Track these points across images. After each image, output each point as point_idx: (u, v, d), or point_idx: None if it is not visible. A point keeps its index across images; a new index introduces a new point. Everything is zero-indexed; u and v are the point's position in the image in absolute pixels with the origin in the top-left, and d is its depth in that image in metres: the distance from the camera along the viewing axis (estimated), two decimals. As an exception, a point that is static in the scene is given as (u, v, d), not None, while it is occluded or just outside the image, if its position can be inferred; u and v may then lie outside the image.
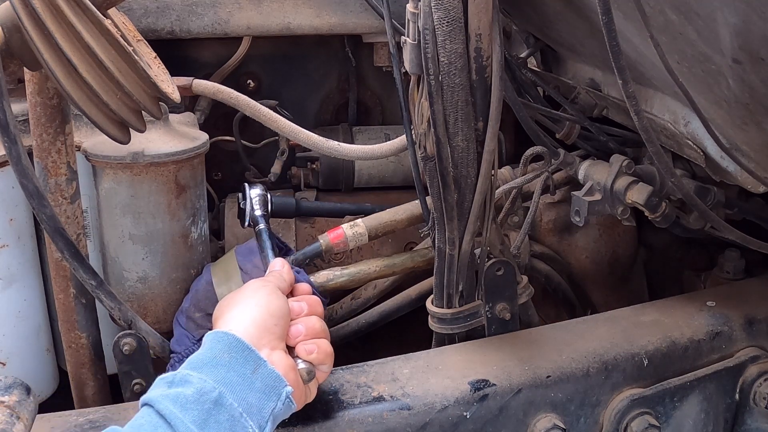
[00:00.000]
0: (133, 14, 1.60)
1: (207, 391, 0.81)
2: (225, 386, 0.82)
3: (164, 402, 0.79)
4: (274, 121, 1.35)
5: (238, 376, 0.84)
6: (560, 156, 1.31)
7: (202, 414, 0.79)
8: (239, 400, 0.82)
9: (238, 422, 0.81)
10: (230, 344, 0.86)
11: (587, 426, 1.17)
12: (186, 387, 0.81)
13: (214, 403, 0.80)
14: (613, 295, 1.64)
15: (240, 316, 0.92)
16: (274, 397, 0.86)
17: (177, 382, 0.82)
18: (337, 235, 1.32)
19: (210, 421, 0.79)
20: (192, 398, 0.79)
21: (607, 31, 0.81)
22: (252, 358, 0.86)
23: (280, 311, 0.95)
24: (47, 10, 0.92)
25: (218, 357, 0.85)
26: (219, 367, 0.84)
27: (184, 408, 0.78)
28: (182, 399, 0.79)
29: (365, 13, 1.72)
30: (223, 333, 0.88)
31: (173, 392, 0.80)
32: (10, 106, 0.95)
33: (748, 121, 0.94)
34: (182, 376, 0.83)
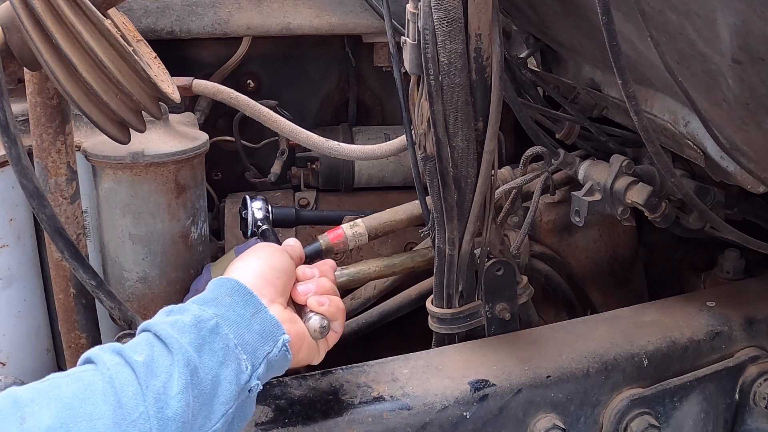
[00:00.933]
0: (133, 14, 1.60)
1: (205, 319, 0.82)
2: (223, 320, 0.83)
3: (162, 325, 0.80)
4: (274, 121, 1.35)
5: (238, 316, 0.85)
6: (560, 156, 1.31)
7: (198, 339, 0.80)
8: (236, 335, 0.83)
9: (231, 353, 0.82)
10: (232, 288, 0.87)
11: (587, 426, 1.17)
12: (184, 315, 0.82)
13: (210, 330, 0.81)
14: (613, 295, 1.64)
15: (242, 267, 0.93)
16: (271, 342, 0.86)
17: (176, 311, 0.84)
18: (337, 235, 1.32)
19: (205, 347, 0.80)
20: (189, 324, 0.81)
21: (607, 31, 0.81)
22: (252, 303, 0.87)
23: (282, 266, 0.96)
24: (47, 10, 0.92)
25: (219, 298, 0.86)
26: (219, 306, 0.85)
27: (182, 332, 0.79)
28: (180, 324, 0.80)
29: (365, 13, 1.72)
30: (226, 278, 0.90)
31: (171, 319, 0.82)
32: (10, 106, 0.95)
33: (748, 121, 0.94)
34: (181, 307, 0.85)
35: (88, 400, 0.70)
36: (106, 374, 0.73)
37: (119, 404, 0.71)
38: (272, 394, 1.05)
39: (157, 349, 0.77)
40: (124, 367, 0.74)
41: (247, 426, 1.00)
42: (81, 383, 0.72)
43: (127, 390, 0.72)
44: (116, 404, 0.71)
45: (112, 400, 0.71)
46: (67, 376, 0.73)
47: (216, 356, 0.80)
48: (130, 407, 0.71)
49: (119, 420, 0.70)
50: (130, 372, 0.74)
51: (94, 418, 0.69)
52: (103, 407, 0.70)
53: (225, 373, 0.80)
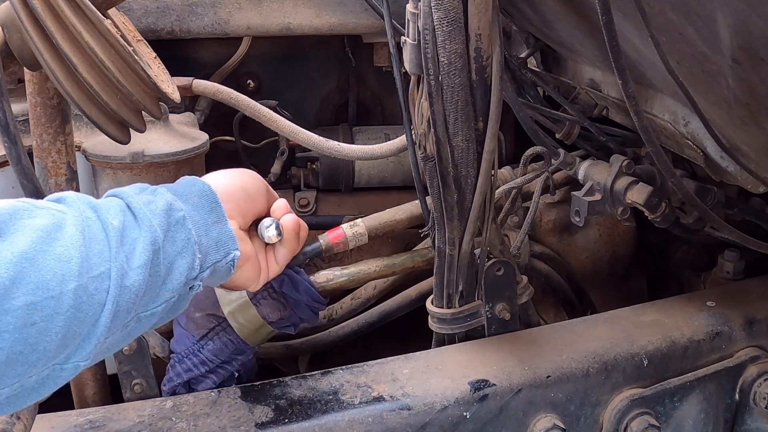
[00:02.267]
0: (133, 14, 1.60)
1: (175, 209, 0.84)
2: (189, 216, 0.85)
3: (135, 199, 0.82)
4: (274, 121, 1.35)
5: (201, 219, 0.87)
6: (560, 156, 1.31)
7: (165, 224, 0.82)
8: (197, 233, 0.85)
9: (190, 248, 0.84)
10: (203, 191, 0.90)
11: (587, 426, 1.17)
12: (157, 198, 0.84)
13: (177, 221, 0.83)
14: (613, 295, 1.64)
15: (217, 177, 0.96)
16: (223, 252, 0.88)
17: (148, 191, 0.85)
18: (337, 235, 1.32)
19: (169, 234, 0.82)
20: (161, 207, 0.83)
21: (607, 31, 0.81)
22: (216, 212, 0.89)
23: (253, 191, 0.99)
24: (47, 10, 0.92)
25: (188, 195, 0.88)
26: (187, 203, 0.87)
27: (153, 213, 0.81)
28: (152, 206, 0.82)
29: (365, 13, 1.72)
30: (200, 180, 0.92)
31: (144, 197, 0.83)
32: (10, 106, 0.95)
33: (748, 121, 0.94)
34: (154, 189, 0.86)
35: (60, 241, 0.70)
36: (78, 223, 0.74)
37: (87, 256, 0.72)
38: (272, 394, 1.05)
39: (129, 219, 0.79)
40: (96, 222, 0.76)
41: (247, 426, 1.00)
42: (55, 220, 0.72)
43: (95, 246, 0.73)
44: (84, 255, 0.71)
45: (82, 249, 0.72)
46: (42, 208, 0.73)
47: (176, 245, 0.82)
48: (95, 262, 0.72)
49: (84, 271, 0.71)
50: (101, 230, 0.75)
51: (62, 259, 0.69)
52: (73, 252, 0.71)
53: (179, 263, 0.83)
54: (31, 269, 0.67)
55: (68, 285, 0.69)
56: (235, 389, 1.07)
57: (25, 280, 0.66)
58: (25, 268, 0.66)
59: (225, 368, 1.20)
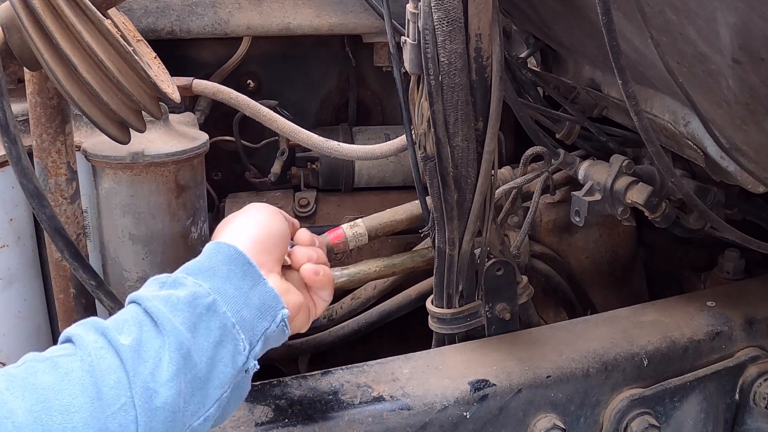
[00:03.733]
0: (133, 14, 1.60)
1: (201, 295, 0.76)
2: (220, 296, 0.77)
3: (153, 301, 0.74)
4: (274, 121, 1.35)
5: (235, 290, 0.79)
6: (560, 156, 1.31)
7: (193, 317, 0.74)
8: (233, 312, 0.78)
9: (229, 333, 0.77)
10: (231, 256, 0.81)
11: (587, 426, 1.17)
12: (179, 289, 0.76)
13: (206, 308, 0.76)
14: (613, 295, 1.64)
15: (238, 231, 0.87)
16: (269, 318, 0.81)
17: (170, 284, 0.78)
18: (337, 235, 1.32)
19: (200, 326, 0.74)
20: (184, 300, 0.75)
21: (607, 31, 0.81)
22: (251, 274, 0.81)
23: (280, 233, 0.90)
24: (47, 10, 0.92)
25: (216, 267, 0.80)
26: (216, 277, 0.79)
27: (175, 309, 0.74)
28: (173, 300, 0.75)
29: (365, 13, 1.72)
30: (224, 244, 0.83)
31: (164, 293, 0.76)
32: (10, 106, 0.95)
33: (748, 121, 0.94)
34: (176, 279, 0.79)
35: (64, 392, 0.65)
36: (86, 360, 0.68)
37: (98, 395, 0.66)
38: (272, 394, 1.05)
39: (147, 329, 0.72)
40: (107, 351, 0.69)
41: (247, 426, 1.00)
42: (58, 371, 0.67)
43: (108, 378, 0.67)
44: (95, 395, 0.66)
45: (91, 390, 0.66)
46: (44, 361, 0.68)
47: (212, 336, 0.75)
48: (111, 398, 0.66)
49: (98, 413, 0.65)
50: (114, 357, 0.69)
51: (70, 411, 0.64)
52: (81, 399, 0.65)
53: (221, 355, 0.75)
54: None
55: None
56: (235, 389, 1.07)
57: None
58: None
59: (225, 368, 1.20)
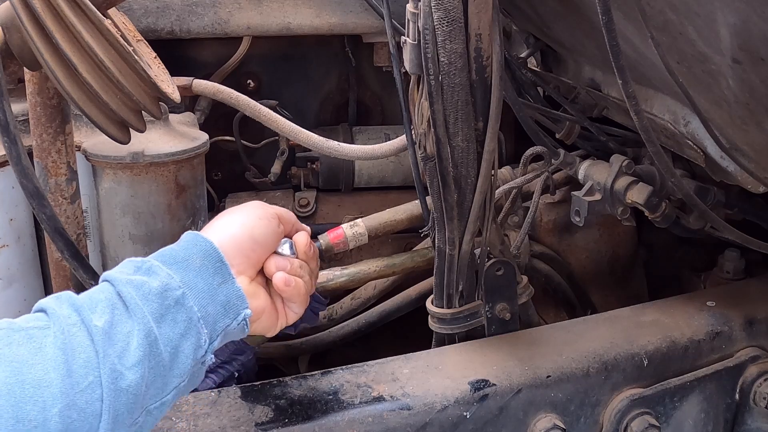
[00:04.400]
0: (133, 14, 1.60)
1: (172, 288, 0.80)
2: (190, 289, 0.81)
3: (127, 286, 0.77)
4: (274, 121, 1.35)
5: (205, 284, 0.83)
6: (560, 156, 1.31)
7: (162, 308, 0.78)
8: (200, 307, 0.81)
9: (194, 326, 0.80)
10: (206, 251, 0.85)
11: (587, 426, 1.17)
12: (152, 278, 0.79)
13: (176, 301, 0.79)
14: (613, 295, 1.64)
15: (222, 227, 0.90)
16: (232, 315, 0.85)
17: (144, 270, 0.81)
18: (337, 235, 1.32)
19: (168, 317, 0.78)
20: (155, 291, 0.78)
21: (607, 31, 0.81)
22: (222, 272, 0.85)
23: (263, 238, 0.92)
24: (47, 10, 0.92)
25: (190, 259, 0.83)
26: (188, 270, 0.82)
27: (146, 298, 0.77)
28: (146, 289, 0.78)
29: (365, 13, 1.72)
30: (202, 238, 0.87)
31: (138, 279, 0.79)
32: (10, 106, 0.95)
33: (748, 121, 0.94)
34: (150, 266, 0.81)
35: (37, 366, 0.67)
36: (59, 337, 0.70)
37: (69, 372, 0.69)
38: (272, 394, 1.05)
39: (118, 312, 0.75)
40: (79, 329, 0.72)
41: (247, 426, 1.00)
42: (32, 344, 0.69)
43: (79, 356, 0.70)
44: (66, 372, 0.68)
45: (62, 367, 0.69)
46: (18, 331, 0.70)
47: (177, 328, 0.78)
48: (81, 375, 0.69)
49: (68, 389, 0.68)
50: (86, 336, 0.72)
51: (42, 385, 0.67)
52: (52, 374, 0.68)
53: (184, 346, 0.79)
54: (8, 404, 0.64)
55: (51, 410, 0.66)
56: (235, 389, 1.07)
57: (3, 417, 0.64)
58: (1, 404, 0.64)
59: (225, 368, 1.20)
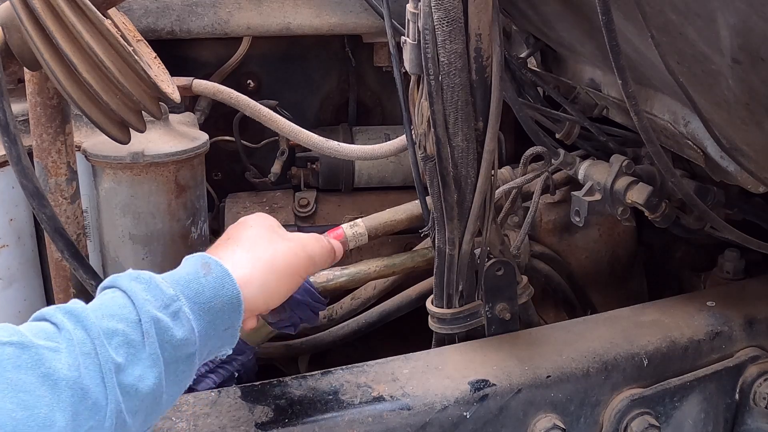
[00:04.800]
0: (133, 14, 1.60)
1: (189, 343, 0.78)
2: (201, 341, 0.79)
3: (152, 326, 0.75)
4: (274, 121, 1.35)
5: (215, 333, 0.81)
6: (560, 156, 1.31)
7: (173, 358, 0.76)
8: (202, 357, 0.81)
9: (186, 379, 0.80)
10: (230, 300, 0.82)
11: (587, 426, 1.17)
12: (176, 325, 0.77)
13: (188, 357, 0.78)
14: (613, 295, 1.64)
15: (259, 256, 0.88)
16: (214, 354, 0.84)
17: (172, 312, 0.77)
18: (337, 235, 1.32)
19: (174, 368, 0.76)
20: (176, 343, 0.76)
21: (607, 31, 0.81)
22: (232, 320, 0.83)
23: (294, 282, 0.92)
24: (47, 10, 0.92)
25: (213, 305, 0.80)
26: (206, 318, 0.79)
27: (164, 347, 0.75)
28: (168, 336, 0.75)
29: (365, 13, 1.72)
30: (231, 281, 0.83)
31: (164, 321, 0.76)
32: (10, 106, 0.95)
33: (748, 121, 0.94)
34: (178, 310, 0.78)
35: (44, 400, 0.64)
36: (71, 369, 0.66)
37: (75, 415, 0.66)
38: (272, 394, 1.05)
39: (134, 351, 0.72)
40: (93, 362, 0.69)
41: (247, 426, 1.00)
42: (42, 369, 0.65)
43: (88, 398, 0.67)
44: (72, 415, 0.65)
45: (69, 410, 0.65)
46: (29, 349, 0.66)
47: (176, 378, 0.77)
48: (85, 418, 0.67)
49: (71, 430, 0.65)
50: (98, 374, 0.68)
51: (45, 425, 0.63)
52: (58, 415, 0.64)
53: (172, 392, 0.78)
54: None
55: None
56: (235, 389, 1.07)
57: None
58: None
59: (225, 368, 1.20)
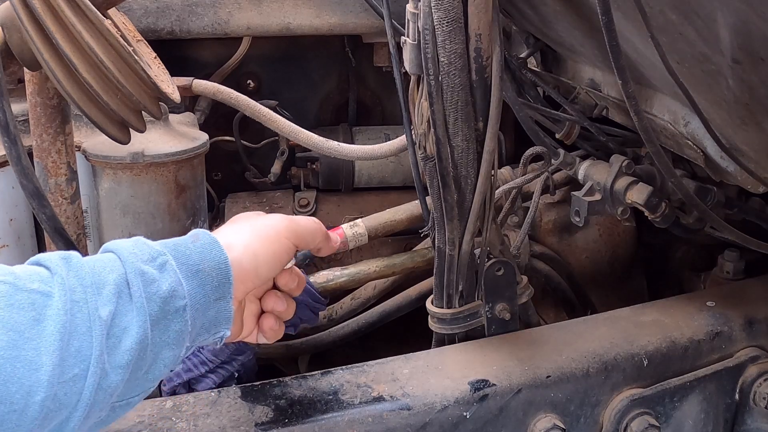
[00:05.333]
0: (133, 14, 1.60)
1: (178, 296, 0.76)
2: (191, 300, 0.78)
3: (138, 278, 0.74)
4: (274, 121, 1.35)
5: (204, 298, 0.79)
6: (560, 156, 1.31)
7: (162, 313, 0.75)
8: (193, 320, 0.78)
9: (182, 339, 0.77)
10: (218, 264, 0.81)
11: (587, 426, 1.17)
12: (163, 277, 0.76)
13: (176, 310, 0.76)
14: (613, 295, 1.64)
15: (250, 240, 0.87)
16: (213, 332, 0.83)
17: (158, 264, 0.77)
18: (337, 235, 1.32)
19: (163, 323, 0.75)
20: (163, 294, 0.75)
21: (607, 31, 0.81)
22: (223, 289, 0.82)
23: (269, 273, 0.90)
24: (47, 10, 0.92)
25: (201, 267, 0.80)
26: (196, 279, 0.79)
27: (151, 299, 0.74)
28: (154, 288, 0.75)
29: (365, 13, 1.72)
30: (219, 247, 0.83)
31: (150, 273, 0.75)
32: (10, 106, 0.95)
33: (748, 121, 0.94)
34: (164, 262, 0.78)
35: (32, 342, 0.64)
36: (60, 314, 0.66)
37: (61, 359, 0.65)
38: (272, 394, 1.05)
39: (122, 303, 0.72)
40: (81, 311, 0.68)
41: (247, 426, 1.00)
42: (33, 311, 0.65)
43: (74, 343, 0.67)
44: (58, 359, 0.65)
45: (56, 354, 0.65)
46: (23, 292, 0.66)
47: (167, 336, 0.76)
48: (70, 364, 0.66)
49: (55, 378, 0.64)
50: (86, 322, 0.68)
51: (32, 367, 0.63)
52: (45, 358, 0.64)
53: (166, 355, 0.76)
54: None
55: (35, 397, 0.63)
56: (235, 389, 1.07)
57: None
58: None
59: (225, 368, 1.20)
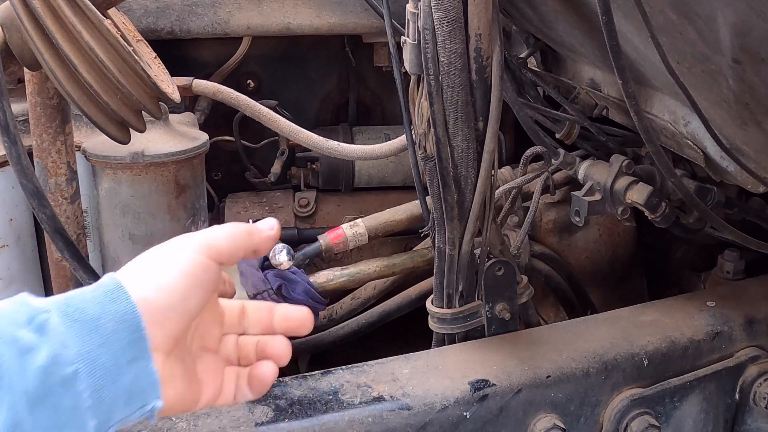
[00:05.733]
0: (133, 14, 1.60)
1: (62, 362, 0.59)
2: (87, 365, 0.60)
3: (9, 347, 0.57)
4: (274, 121, 1.35)
5: (110, 359, 0.61)
6: (560, 156, 1.31)
7: (42, 389, 0.58)
8: (93, 391, 0.60)
9: (78, 417, 0.60)
10: (122, 315, 0.62)
11: (587, 426, 1.17)
12: (42, 341, 0.58)
13: (63, 381, 0.59)
14: (613, 295, 1.64)
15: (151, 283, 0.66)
16: (136, 405, 0.64)
17: (36, 325, 0.59)
18: (337, 235, 1.32)
19: (47, 402, 0.58)
20: (39, 366, 0.58)
21: (607, 31, 0.81)
22: (137, 346, 0.63)
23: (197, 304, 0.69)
24: (47, 10, 0.92)
25: (101, 320, 0.62)
26: (93, 336, 0.61)
27: (24, 372, 0.57)
28: (28, 359, 0.58)
29: (365, 13, 1.72)
30: (123, 292, 0.64)
31: (26, 339, 0.58)
32: (10, 106, 0.95)
33: (748, 121, 0.94)
34: (44, 321, 0.60)
35: None
36: None
37: None
38: (272, 394, 1.05)
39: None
40: None
41: (247, 426, 1.00)
42: None
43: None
44: None
45: None
46: None
47: (56, 417, 0.58)
48: None
49: None
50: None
51: None
52: None
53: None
54: None
55: None
56: (235, 389, 1.07)
57: None
58: None
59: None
